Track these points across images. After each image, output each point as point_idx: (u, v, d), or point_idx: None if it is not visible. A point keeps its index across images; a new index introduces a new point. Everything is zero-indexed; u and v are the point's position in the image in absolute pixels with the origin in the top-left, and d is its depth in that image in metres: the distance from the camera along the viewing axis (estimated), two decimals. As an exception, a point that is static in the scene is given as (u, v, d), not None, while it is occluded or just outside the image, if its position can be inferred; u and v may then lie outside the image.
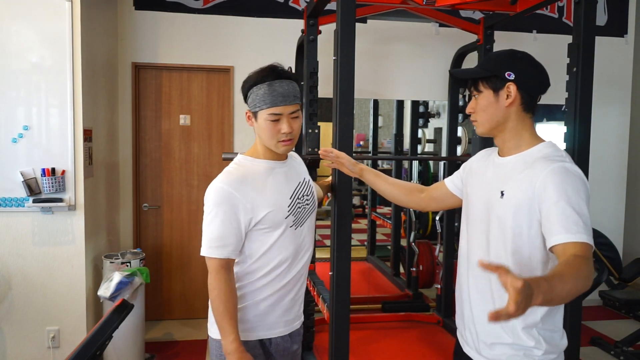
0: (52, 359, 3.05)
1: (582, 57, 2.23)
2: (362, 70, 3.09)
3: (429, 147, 5.46)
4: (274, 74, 1.51)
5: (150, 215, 3.99)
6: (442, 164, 5.44)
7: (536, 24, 4.33)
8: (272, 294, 1.59)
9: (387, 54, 4.14)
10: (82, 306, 3.08)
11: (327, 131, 2.38)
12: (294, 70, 3.42)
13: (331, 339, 2.01)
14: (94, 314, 3.21)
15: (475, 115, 1.44)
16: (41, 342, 3.05)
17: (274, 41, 3.96)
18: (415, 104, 4.70)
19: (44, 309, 3.04)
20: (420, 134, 4.84)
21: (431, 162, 6.08)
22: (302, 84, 2.94)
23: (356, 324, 3.44)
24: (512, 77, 1.36)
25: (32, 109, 2.95)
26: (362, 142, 7.94)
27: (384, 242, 6.02)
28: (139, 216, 3.96)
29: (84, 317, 3.09)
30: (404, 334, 3.46)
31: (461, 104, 3.69)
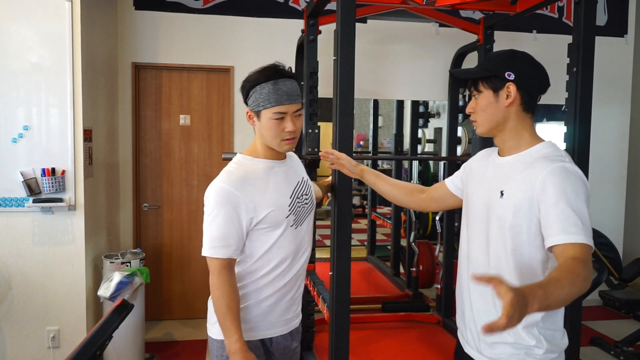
0: (52, 359, 3.06)
1: (582, 57, 2.23)
2: (362, 70, 3.09)
3: (429, 147, 5.46)
4: (278, 73, 1.52)
5: (150, 215, 3.99)
6: (442, 164, 5.44)
7: (536, 24, 4.33)
8: (274, 293, 1.59)
9: (387, 54, 4.14)
10: (82, 306, 3.09)
11: (327, 131, 2.38)
12: (293, 70, 3.42)
13: (331, 339, 2.01)
14: (94, 314, 3.21)
15: (475, 115, 1.45)
16: (41, 342, 3.05)
17: (274, 41, 3.96)
18: (415, 104, 4.70)
19: (44, 309, 3.04)
20: (420, 134, 4.84)
21: (431, 162, 6.08)
22: (302, 83, 2.94)
23: (356, 324, 3.44)
24: (512, 77, 1.36)
25: (32, 109, 2.95)
26: (362, 142, 7.93)
27: (384, 242, 6.02)
28: (139, 216, 3.97)
29: (84, 317, 3.09)
30: (404, 334, 3.46)
31: (461, 104, 3.69)
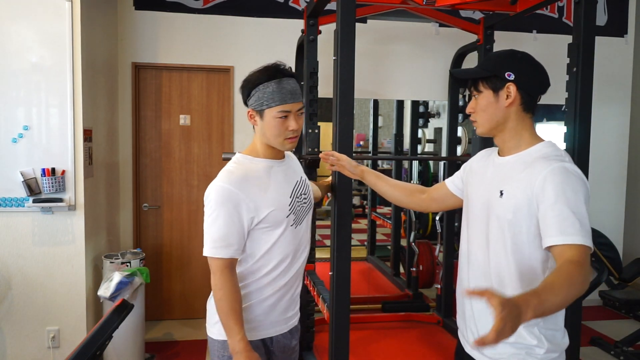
0: (52, 359, 3.05)
1: (582, 57, 2.23)
2: (362, 70, 3.09)
3: (429, 147, 5.45)
4: (280, 72, 1.54)
5: (150, 215, 3.99)
6: (442, 164, 5.44)
7: (536, 24, 4.33)
8: (275, 292, 1.60)
9: (387, 54, 4.14)
10: (82, 306, 3.09)
11: (327, 131, 2.38)
12: (293, 70, 3.41)
13: (331, 339, 2.01)
14: (94, 314, 3.21)
15: (475, 115, 1.45)
16: (41, 342, 3.05)
17: (274, 41, 3.96)
18: (415, 104, 4.69)
19: (43, 309, 3.04)
20: (420, 134, 4.84)
21: (431, 162, 6.07)
22: (302, 83, 2.94)
23: (356, 324, 3.44)
24: (512, 77, 1.36)
25: (32, 109, 2.95)
26: (362, 142, 7.92)
27: (384, 242, 6.01)
28: (139, 216, 3.96)
29: (84, 317, 3.09)
30: (404, 334, 3.46)
31: (461, 104, 3.69)
